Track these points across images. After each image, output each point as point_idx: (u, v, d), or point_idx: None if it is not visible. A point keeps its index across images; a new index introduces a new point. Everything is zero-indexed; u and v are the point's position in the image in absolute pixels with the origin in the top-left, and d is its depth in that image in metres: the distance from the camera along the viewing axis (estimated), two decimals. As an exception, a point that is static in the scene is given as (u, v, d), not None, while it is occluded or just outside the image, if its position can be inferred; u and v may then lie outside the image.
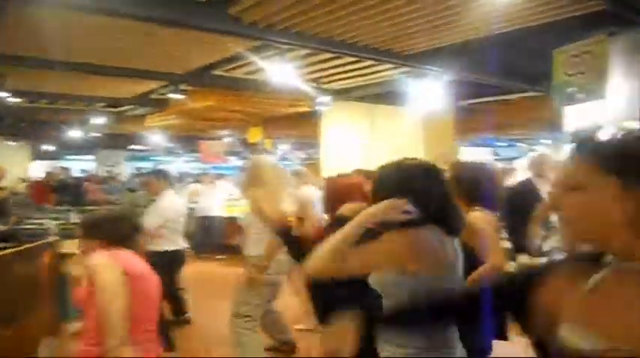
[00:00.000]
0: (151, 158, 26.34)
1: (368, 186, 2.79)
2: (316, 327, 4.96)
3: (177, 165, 27.17)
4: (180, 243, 5.21)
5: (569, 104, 5.10)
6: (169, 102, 9.55)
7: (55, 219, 8.94)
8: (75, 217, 9.44)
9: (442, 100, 8.30)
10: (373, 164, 4.33)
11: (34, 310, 4.64)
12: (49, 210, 10.41)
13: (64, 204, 11.10)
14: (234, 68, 7.47)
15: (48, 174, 13.36)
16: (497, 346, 2.56)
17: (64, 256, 5.65)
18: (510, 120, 11.60)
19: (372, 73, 7.55)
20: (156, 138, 15.31)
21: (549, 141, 13.25)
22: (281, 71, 6.56)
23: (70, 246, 5.76)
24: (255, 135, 11.43)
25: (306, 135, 14.11)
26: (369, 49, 6.16)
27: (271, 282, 4.07)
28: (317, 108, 9.29)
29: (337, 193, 2.88)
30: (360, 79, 7.93)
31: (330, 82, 8.09)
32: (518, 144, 15.36)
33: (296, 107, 9.49)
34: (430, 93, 7.93)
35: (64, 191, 11.90)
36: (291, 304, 5.19)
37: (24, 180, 13.63)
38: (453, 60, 6.75)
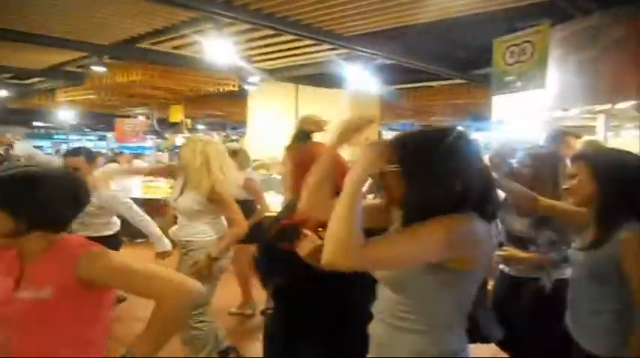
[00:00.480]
0: (53, 136, 24.78)
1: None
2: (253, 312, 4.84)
3: (83, 144, 25.78)
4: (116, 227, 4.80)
5: (506, 92, 5.25)
6: (86, 76, 8.93)
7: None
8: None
9: (372, 84, 8.35)
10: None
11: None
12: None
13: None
14: (162, 41, 7.06)
15: None
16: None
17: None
18: (431, 107, 11.96)
19: (308, 53, 7.44)
20: (63, 114, 14.31)
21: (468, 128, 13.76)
22: (216, 47, 6.25)
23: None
24: (176, 113, 10.95)
25: (227, 116, 13.80)
26: (310, 28, 6.05)
27: (222, 270, 3.75)
28: (246, 87, 9.04)
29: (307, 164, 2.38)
30: (295, 58, 7.80)
31: (264, 60, 7.89)
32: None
33: (222, 86, 9.15)
34: (361, 76, 7.94)
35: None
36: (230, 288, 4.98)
37: None
38: (388, 44, 6.78)
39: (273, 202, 5.13)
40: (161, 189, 7.84)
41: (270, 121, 9.85)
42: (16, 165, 1.70)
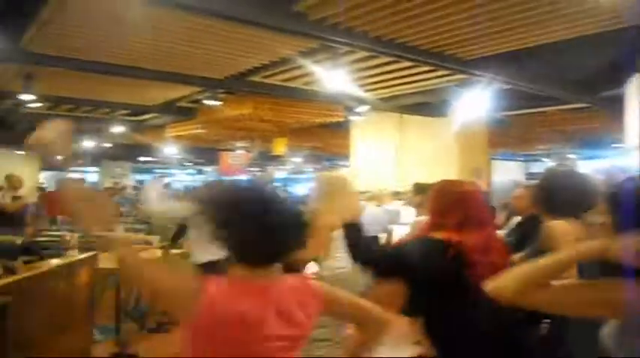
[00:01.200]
0: (153, 170, 26.03)
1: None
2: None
3: (181, 177, 26.87)
4: None
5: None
6: (197, 111, 9.20)
7: (72, 231, 8.52)
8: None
9: (482, 111, 7.95)
10: (403, 177, 4.04)
11: (70, 331, 4.21)
12: (62, 222, 9.99)
13: (77, 217, 10.67)
14: (273, 74, 7.10)
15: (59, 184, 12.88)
16: None
17: (100, 272, 5.24)
18: (539, 135, 11.32)
19: (423, 80, 7.18)
20: (168, 149, 14.87)
21: (576, 156, 12.97)
22: (330, 77, 6.17)
23: (106, 262, 5.36)
24: (280, 145, 11.04)
25: (326, 148, 13.79)
26: (429, 53, 5.82)
27: None
28: (351, 118, 8.93)
29: (454, 201, 2.36)
30: (409, 86, 7.55)
31: (376, 89, 7.69)
32: (543, 159, 15.02)
33: (328, 117, 9.11)
34: (474, 103, 7.57)
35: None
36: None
37: (40, 189, 13.19)
38: (506, 68, 6.41)
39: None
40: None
41: (374, 151, 9.69)
42: None
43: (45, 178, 17.68)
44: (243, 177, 12.17)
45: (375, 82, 7.28)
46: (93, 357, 4.58)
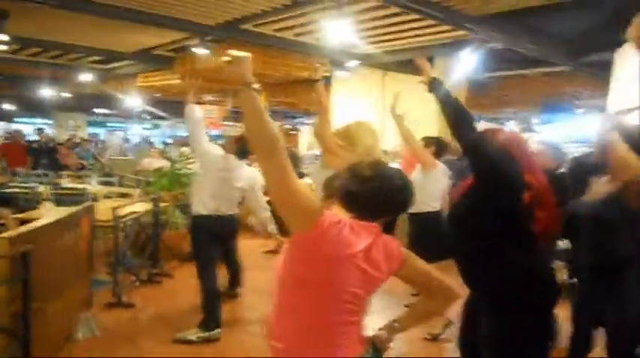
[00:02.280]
0: (107, 124, 25.13)
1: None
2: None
3: (136, 131, 26.09)
4: None
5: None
6: (175, 60, 8.78)
7: (41, 183, 8.16)
8: (67, 181, 8.64)
9: (471, 71, 7.93)
10: (386, 135, 4.05)
11: (75, 282, 4.03)
12: (25, 174, 9.53)
13: (39, 168, 10.23)
14: (265, 23, 6.80)
15: (13, 135, 12.32)
16: None
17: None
18: (516, 97, 11.46)
19: (424, 34, 7.06)
20: (131, 101, 14.24)
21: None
22: (329, 28, 5.95)
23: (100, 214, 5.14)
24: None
25: (298, 103, 13.54)
26: (436, 5, 5.66)
27: None
28: (338, 73, 8.75)
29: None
30: (407, 40, 7.42)
31: (378, 42, 7.50)
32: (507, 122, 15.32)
33: (314, 71, 8.85)
34: (464, 62, 7.53)
35: (39, 154, 10.97)
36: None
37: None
38: (506, 28, 6.36)
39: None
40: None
41: (357, 108, 9.54)
42: None
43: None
44: (217, 131, 11.82)
45: (377, 35, 7.10)
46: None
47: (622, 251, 2.82)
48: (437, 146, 4.72)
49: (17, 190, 7.28)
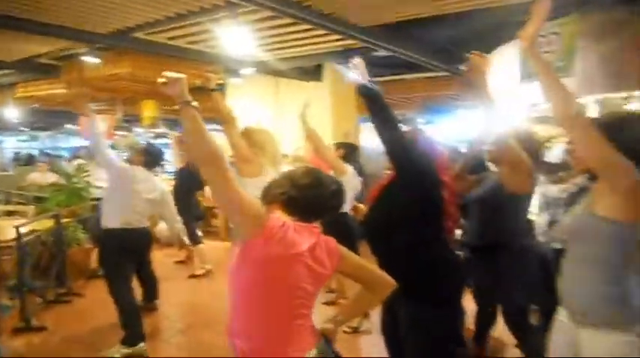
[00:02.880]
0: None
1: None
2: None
3: (11, 144, 24.25)
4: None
5: (534, 80, 5.48)
6: (60, 68, 8.41)
7: None
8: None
9: (364, 77, 8.39)
10: (280, 140, 4.40)
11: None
12: None
13: None
14: (159, 32, 6.77)
15: None
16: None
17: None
18: (399, 100, 12.21)
19: (314, 43, 7.37)
20: (7, 112, 13.30)
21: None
22: (224, 36, 6.08)
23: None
24: (149, 108, 10.50)
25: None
26: (323, 16, 5.98)
27: None
28: (231, 80, 8.86)
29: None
30: (299, 49, 7.69)
31: (272, 50, 7.68)
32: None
33: (205, 80, 8.87)
34: (356, 69, 7.97)
35: None
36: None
37: None
38: (394, 37, 6.87)
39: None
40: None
41: (251, 115, 9.70)
42: None
43: None
44: (109, 141, 11.36)
45: (270, 43, 7.29)
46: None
47: (504, 231, 3.19)
48: (346, 150, 5.01)
49: None
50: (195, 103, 1.74)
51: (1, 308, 4.62)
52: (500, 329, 3.66)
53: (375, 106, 2.64)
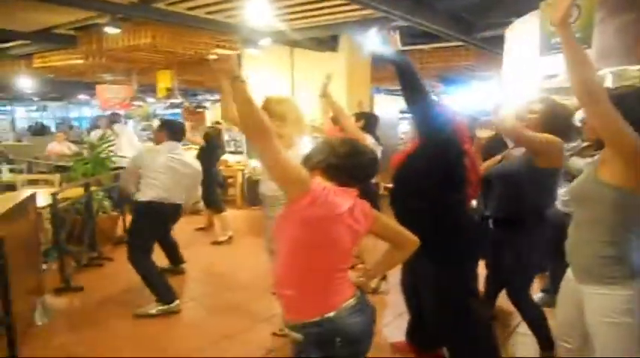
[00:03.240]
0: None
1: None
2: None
3: (22, 114, 24.42)
4: None
5: (553, 53, 5.55)
6: (77, 39, 8.49)
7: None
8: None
9: (381, 48, 8.44)
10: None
11: (28, 269, 4.07)
12: None
13: None
14: (179, 2, 6.83)
15: None
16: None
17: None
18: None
19: (333, 13, 7.41)
20: (21, 82, 13.43)
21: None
22: (249, 7, 6.15)
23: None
24: (165, 78, 10.60)
25: (205, 82, 13.48)
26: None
27: None
28: (248, 50, 8.92)
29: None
30: (317, 19, 7.73)
31: (290, 20, 7.73)
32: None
33: (224, 49, 8.94)
34: (374, 40, 8.04)
35: None
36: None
37: None
38: (411, 7, 6.91)
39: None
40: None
41: (268, 85, 9.79)
42: None
43: None
44: (124, 111, 11.53)
45: (287, 14, 7.34)
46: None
47: (526, 204, 3.17)
48: (366, 120, 5.12)
49: None
50: (245, 77, 1.90)
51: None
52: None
53: (406, 75, 2.69)
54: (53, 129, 19.26)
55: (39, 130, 18.53)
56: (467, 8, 7.67)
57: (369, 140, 4.80)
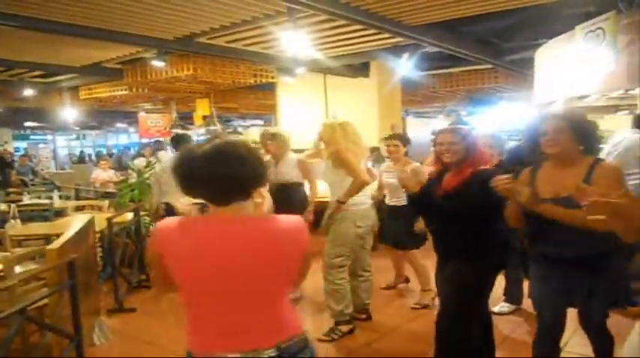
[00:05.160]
0: (29, 137, 24.22)
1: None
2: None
3: (62, 142, 25.30)
4: None
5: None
6: (124, 72, 8.99)
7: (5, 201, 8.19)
8: (28, 198, 8.63)
9: (407, 72, 8.72)
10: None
11: (88, 290, 4.33)
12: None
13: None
14: (220, 36, 7.21)
15: None
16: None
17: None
18: (444, 92, 12.43)
19: (367, 42, 7.70)
20: (66, 113, 14.08)
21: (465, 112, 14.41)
22: (287, 39, 6.45)
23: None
24: (204, 106, 11.04)
25: (239, 108, 13.93)
26: (375, 16, 6.30)
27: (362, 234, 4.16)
28: (284, 78, 9.25)
29: None
30: (351, 47, 8.04)
31: (326, 49, 8.06)
32: (437, 116, 16.36)
33: (261, 78, 9.35)
34: (401, 64, 8.33)
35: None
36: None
37: None
38: (441, 33, 7.14)
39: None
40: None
41: (303, 110, 10.10)
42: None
43: None
44: (164, 138, 11.96)
45: (323, 43, 7.65)
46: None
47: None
48: (404, 142, 5.16)
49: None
50: None
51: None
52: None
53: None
54: (93, 156, 19.96)
55: (80, 158, 19.19)
56: (495, 32, 7.87)
57: (412, 164, 4.78)
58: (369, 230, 4.25)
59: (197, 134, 13.20)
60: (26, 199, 8.25)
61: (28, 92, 10.32)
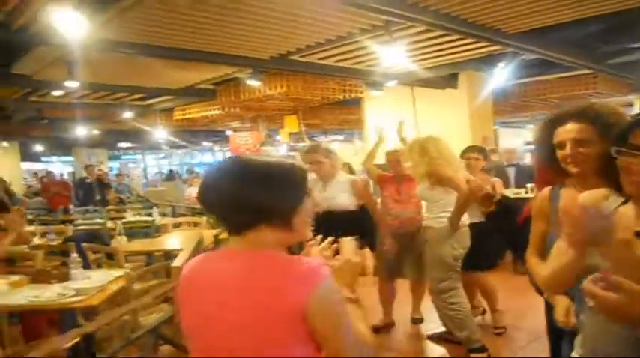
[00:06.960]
0: (121, 157, 25.54)
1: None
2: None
3: (151, 161, 26.56)
4: None
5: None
6: (217, 92, 9.27)
7: (101, 218, 8.61)
8: (130, 216, 9.05)
9: (502, 81, 8.45)
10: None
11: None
12: (72, 212, 9.99)
13: (90, 205, 10.66)
14: (313, 53, 7.27)
15: (46, 175, 12.87)
16: None
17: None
18: (537, 101, 11.93)
19: (463, 51, 7.54)
20: (159, 133, 14.71)
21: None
22: (383, 53, 6.42)
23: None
24: (292, 123, 11.22)
25: (323, 123, 14.05)
26: (479, 27, 6.15)
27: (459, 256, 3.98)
28: (372, 93, 9.21)
29: None
30: (442, 58, 7.89)
31: (419, 61, 7.95)
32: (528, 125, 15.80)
33: (350, 93, 9.38)
34: (500, 74, 8.08)
35: (91, 191, 11.31)
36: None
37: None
38: (535, 40, 6.85)
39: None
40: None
41: (389, 124, 9.98)
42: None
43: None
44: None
45: (414, 56, 7.55)
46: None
47: None
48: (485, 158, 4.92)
49: (96, 227, 7.64)
50: None
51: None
52: None
53: None
54: (181, 174, 20.76)
55: (168, 176, 20.02)
56: (595, 36, 7.46)
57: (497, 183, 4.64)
58: (465, 253, 4.04)
59: (281, 150, 13.48)
60: (129, 216, 8.64)
61: (127, 114, 10.88)
